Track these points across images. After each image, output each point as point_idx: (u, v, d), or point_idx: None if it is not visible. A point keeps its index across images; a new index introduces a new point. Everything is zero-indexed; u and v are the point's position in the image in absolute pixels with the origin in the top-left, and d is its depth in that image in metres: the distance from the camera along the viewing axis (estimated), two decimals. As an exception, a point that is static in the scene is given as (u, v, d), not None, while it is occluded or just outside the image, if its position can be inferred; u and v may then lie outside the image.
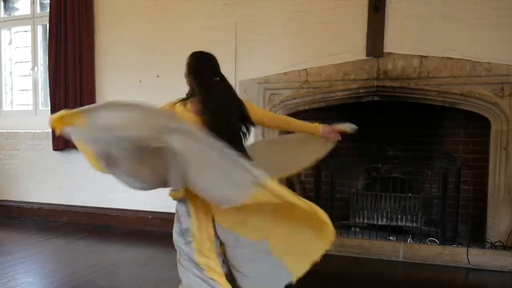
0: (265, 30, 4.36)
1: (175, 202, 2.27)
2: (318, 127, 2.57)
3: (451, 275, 3.54)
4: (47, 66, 5.22)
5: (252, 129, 2.41)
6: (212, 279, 2.16)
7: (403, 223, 4.14)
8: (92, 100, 5.04)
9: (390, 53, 3.98)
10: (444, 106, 3.97)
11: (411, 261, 3.80)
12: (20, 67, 5.95)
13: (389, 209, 4.18)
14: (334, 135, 2.59)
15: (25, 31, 5.82)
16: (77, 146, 2.19)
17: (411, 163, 4.30)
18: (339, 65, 4.12)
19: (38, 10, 5.64)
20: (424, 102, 4.01)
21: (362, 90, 4.11)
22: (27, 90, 5.84)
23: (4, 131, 5.65)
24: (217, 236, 2.23)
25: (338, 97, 4.19)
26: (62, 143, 5.14)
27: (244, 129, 2.32)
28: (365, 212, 4.25)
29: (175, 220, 2.27)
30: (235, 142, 2.18)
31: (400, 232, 4.05)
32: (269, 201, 1.94)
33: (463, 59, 3.80)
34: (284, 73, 4.30)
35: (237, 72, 4.43)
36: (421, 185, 4.27)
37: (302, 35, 4.26)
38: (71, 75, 5.04)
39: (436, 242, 3.91)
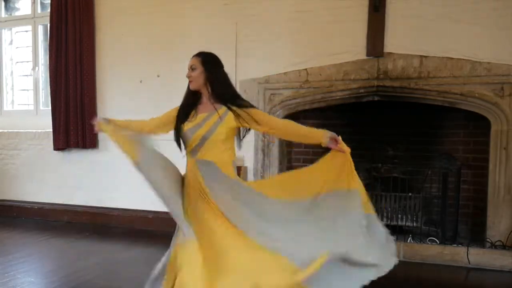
0: (265, 30, 4.37)
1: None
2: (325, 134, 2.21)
3: (451, 275, 3.54)
4: (48, 66, 5.23)
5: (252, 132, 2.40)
6: None
7: (403, 223, 4.15)
8: (93, 100, 5.06)
9: (390, 53, 3.99)
10: (444, 106, 3.98)
11: (411, 261, 3.80)
12: (21, 67, 5.96)
13: (389, 209, 4.18)
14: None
15: (26, 31, 5.83)
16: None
17: (411, 163, 4.31)
18: (340, 65, 4.13)
19: (39, 10, 5.65)
20: (424, 102, 4.02)
21: (362, 90, 4.11)
22: (28, 90, 5.86)
23: (5, 131, 5.66)
24: None
25: (338, 97, 4.20)
26: (62, 143, 5.15)
27: None
28: (365, 211, 4.25)
29: None
30: None
31: (400, 232, 4.05)
32: None
33: (463, 59, 3.80)
34: (284, 73, 4.31)
35: (237, 72, 4.44)
36: (421, 185, 4.27)
37: (302, 35, 4.27)
38: (71, 75, 5.05)
39: (436, 242, 3.92)
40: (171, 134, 2.28)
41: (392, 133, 4.42)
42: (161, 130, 2.32)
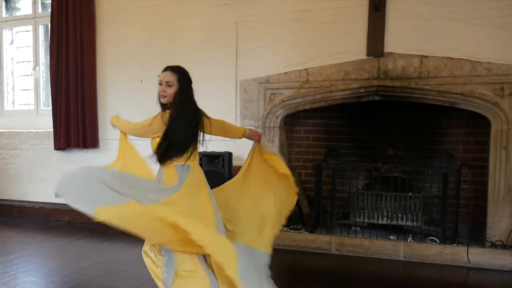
0: (266, 30, 4.37)
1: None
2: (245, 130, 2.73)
3: (451, 274, 3.55)
4: (49, 66, 5.24)
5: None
6: None
7: (404, 223, 4.15)
8: (94, 100, 5.07)
9: (391, 53, 3.99)
10: (444, 105, 3.98)
11: (411, 260, 3.81)
12: (22, 67, 5.96)
13: (389, 209, 4.19)
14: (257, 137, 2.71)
15: (27, 31, 5.84)
16: None
17: (411, 163, 4.31)
18: (340, 65, 4.13)
19: (40, 10, 5.66)
20: (425, 102, 4.02)
21: (362, 90, 4.12)
22: (28, 89, 5.87)
23: (6, 130, 5.67)
24: None
25: (338, 97, 4.20)
26: (63, 143, 5.16)
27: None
28: (366, 211, 4.26)
29: None
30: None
31: (400, 231, 4.06)
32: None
33: (463, 59, 3.81)
34: (285, 73, 4.31)
35: (238, 72, 4.45)
36: (422, 185, 4.28)
37: (303, 35, 4.27)
38: (72, 74, 5.06)
39: (437, 241, 3.92)
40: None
41: (392, 133, 4.43)
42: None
